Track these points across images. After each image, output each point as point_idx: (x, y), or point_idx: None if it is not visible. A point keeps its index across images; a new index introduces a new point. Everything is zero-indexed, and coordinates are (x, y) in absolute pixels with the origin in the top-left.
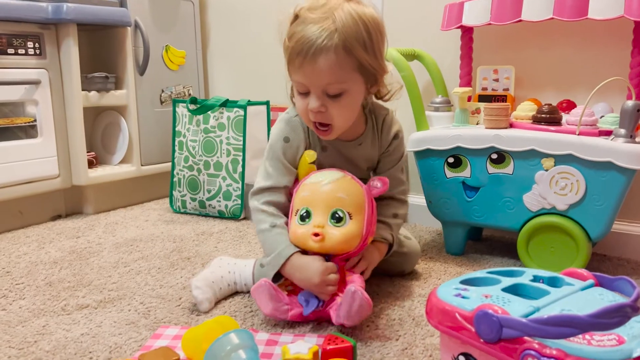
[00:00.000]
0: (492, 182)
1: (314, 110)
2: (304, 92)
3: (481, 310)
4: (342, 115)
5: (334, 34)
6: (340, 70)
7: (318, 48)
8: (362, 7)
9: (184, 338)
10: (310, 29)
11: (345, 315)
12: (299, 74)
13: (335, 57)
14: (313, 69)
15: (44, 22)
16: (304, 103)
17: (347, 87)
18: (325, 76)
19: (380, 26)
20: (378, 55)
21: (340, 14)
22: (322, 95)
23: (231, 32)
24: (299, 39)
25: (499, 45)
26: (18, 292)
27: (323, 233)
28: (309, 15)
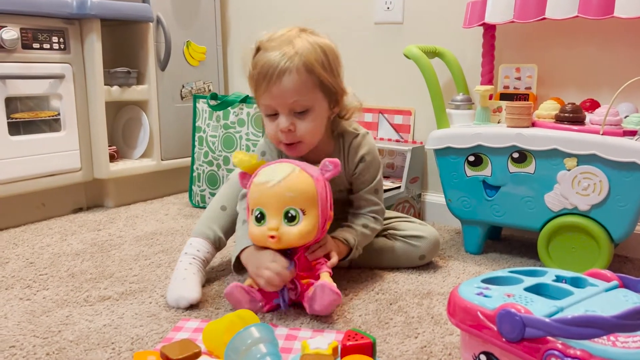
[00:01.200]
0: (513, 182)
1: (284, 130)
2: (272, 113)
3: (504, 309)
4: (310, 131)
5: (294, 56)
6: (304, 88)
7: (282, 70)
8: (317, 36)
9: (204, 331)
10: (272, 54)
11: (318, 308)
12: (266, 96)
13: (298, 77)
14: (279, 89)
15: (68, 17)
16: (274, 125)
17: (312, 104)
18: (291, 95)
19: (336, 51)
20: (337, 76)
21: (298, 41)
22: (289, 114)
23: (251, 28)
24: (263, 65)
25: (521, 43)
26: (42, 282)
27: (278, 235)
28: (269, 45)
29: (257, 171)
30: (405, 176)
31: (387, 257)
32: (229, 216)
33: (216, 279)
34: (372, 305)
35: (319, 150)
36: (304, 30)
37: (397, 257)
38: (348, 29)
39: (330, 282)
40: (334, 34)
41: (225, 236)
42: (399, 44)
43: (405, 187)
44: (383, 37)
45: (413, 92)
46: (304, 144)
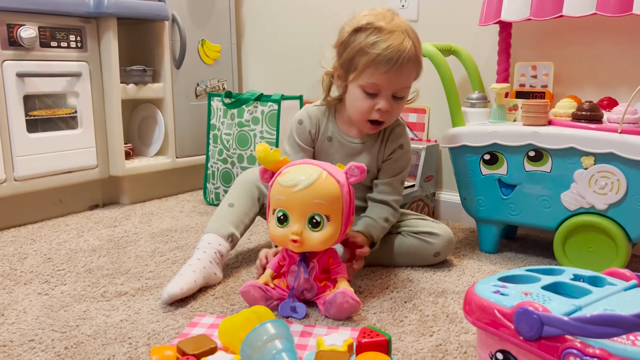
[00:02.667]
0: (529, 180)
1: (383, 110)
2: (373, 92)
3: (521, 307)
4: (397, 114)
5: (412, 47)
6: (412, 77)
7: (407, 57)
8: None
9: (220, 327)
10: (397, 39)
11: (334, 313)
12: (381, 78)
13: (414, 67)
14: (398, 76)
15: (85, 15)
16: (369, 103)
17: (407, 93)
18: (404, 82)
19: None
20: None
21: (409, 30)
22: (391, 98)
23: (265, 26)
24: (387, 48)
25: (537, 41)
26: (59, 278)
27: (301, 239)
28: (385, 27)
29: (282, 169)
30: (420, 175)
31: (401, 254)
32: (238, 211)
33: (231, 275)
34: (387, 303)
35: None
36: (396, 14)
37: (412, 255)
38: None
39: (350, 289)
40: None
41: (237, 230)
42: None
43: (420, 185)
44: None
45: (428, 90)
46: (384, 124)
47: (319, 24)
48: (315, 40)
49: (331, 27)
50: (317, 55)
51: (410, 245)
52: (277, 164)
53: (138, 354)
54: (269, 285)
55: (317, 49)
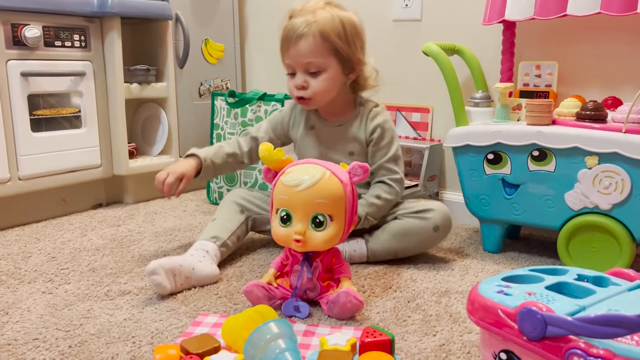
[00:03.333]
0: (533, 180)
1: (297, 86)
2: (291, 72)
3: (525, 307)
4: (320, 89)
5: (312, 24)
6: (317, 52)
7: (299, 34)
8: (341, 10)
9: (224, 326)
10: (296, 21)
11: (338, 312)
12: (286, 56)
13: (313, 41)
14: (296, 51)
15: (89, 15)
16: (291, 82)
17: (324, 67)
18: (305, 56)
19: (356, 25)
20: (352, 46)
21: (321, 12)
22: (304, 73)
23: (269, 26)
24: (286, 29)
25: (541, 40)
26: (63, 276)
27: (304, 239)
28: (297, 13)
29: (285, 169)
30: (423, 174)
31: (401, 234)
32: (220, 222)
33: (234, 275)
34: (390, 302)
35: (339, 112)
36: (329, 3)
37: (412, 233)
38: (366, 27)
39: (353, 289)
40: None
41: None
42: (417, 42)
43: (423, 185)
44: (401, 34)
45: (431, 89)
46: (313, 100)
47: None
48: None
49: None
50: None
51: (408, 224)
52: (280, 163)
53: (142, 353)
54: (272, 284)
55: None
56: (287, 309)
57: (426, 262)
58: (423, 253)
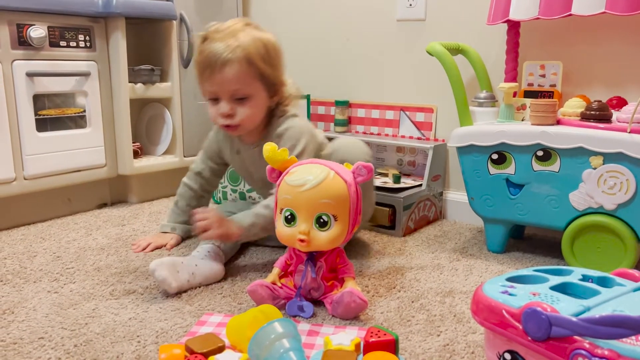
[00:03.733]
0: (537, 180)
1: (224, 114)
2: (214, 98)
3: (530, 308)
4: (248, 116)
5: (237, 48)
6: (244, 78)
7: (224, 60)
8: (261, 31)
9: (228, 325)
10: (217, 45)
11: (342, 312)
12: (210, 83)
13: (239, 67)
14: (221, 78)
15: (94, 15)
16: (215, 109)
17: (251, 92)
18: (232, 83)
19: (277, 46)
20: (276, 69)
21: (242, 35)
22: (230, 101)
23: (273, 26)
24: (208, 54)
25: (546, 40)
26: (69, 276)
27: (308, 239)
28: (216, 36)
29: (289, 169)
30: (427, 174)
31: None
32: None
33: (238, 274)
34: (394, 302)
35: (256, 134)
36: (249, 24)
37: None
38: (370, 26)
39: (358, 289)
40: (355, 31)
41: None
42: (421, 41)
43: (427, 185)
44: (405, 34)
45: (435, 89)
46: (241, 127)
47: (326, 23)
48: (323, 39)
49: (338, 26)
50: (325, 55)
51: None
52: (285, 163)
53: (146, 352)
54: (277, 284)
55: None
56: (291, 308)
57: (430, 262)
58: (427, 253)
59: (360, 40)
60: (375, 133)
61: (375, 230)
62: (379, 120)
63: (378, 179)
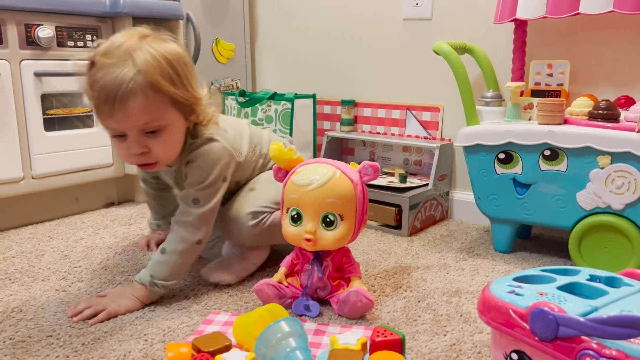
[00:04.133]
0: (544, 179)
1: (136, 154)
2: (120, 135)
3: (537, 308)
4: (165, 150)
5: (137, 75)
6: (153, 109)
7: (125, 93)
8: (161, 43)
9: (235, 324)
10: (111, 74)
11: (348, 311)
12: (111, 120)
13: (145, 98)
14: (125, 114)
15: (101, 15)
16: (123, 147)
17: (164, 122)
18: (139, 118)
19: (184, 58)
20: (188, 87)
21: (140, 54)
22: (141, 136)
23: (279, 26)
24: (102, 87)
25: (553, 39)
26: (76, 274)
27: (315, 238)
28: (105, 61)
29: (295, 168)
30: (433, 174)
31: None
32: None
33: None
34: (400, 302)
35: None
36: (144, 36)
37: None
38: (376, 26)
39: (364, 288)
40: (362, 30)
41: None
42: (427, 40)
43: (433, 184)
44: (411, 33)
45: (442, 88)
46: (160, 163)
47: (333, 22)
48: (329, 38)
49: (344, 25)
50: (330, 54)
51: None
52: (291, 162)
53: (154, 351)
54: (283, 283)
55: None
56: (297, 307)
57: (436, 261)
58: (434, 253)
59: (366, 39)
60: (382, 132)
61: (381, 229)
62: (385, 120)
63: (384, 178)
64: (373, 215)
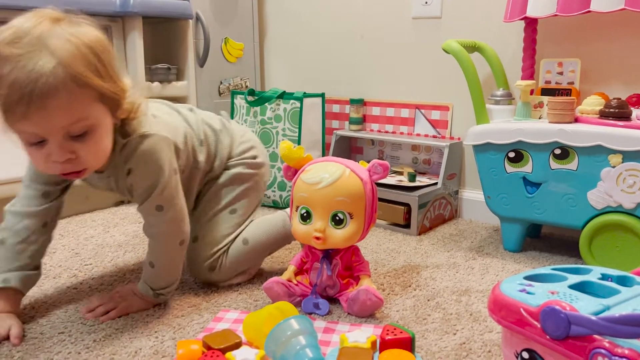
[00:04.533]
0: (555, 178)
1: (60, 162)
2: (37, 141)
3: (548, 306)
4: (96, 154)
5: (57, 69)
6: (78, 107)
7: (42, 91)
8: (78, 27)
9: (245, 322)
10: (23, 68)
11: (357, 310)
12: (27, 123)
13: (67, 96)
14: (43, 116)
15: (112, 14)
16: (41, 155)
17: (92, 122)
18: (62, 119)
19: (107, 44)
20: (115, 78)
21: (56, 42)
22: (65, 141)
23: (288, 25)
24: (12, 84)
25: (563, 37)
26: (87, 272)
27: (324, 237)
28: (13, 52)
29: (305, 167)
30: (443, 172)
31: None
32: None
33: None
34: (410, 301)
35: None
36: (57, 20)
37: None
38: (385, 24)
39: (373, 287)
40: (371, 29)
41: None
42: (437, 39)
43: (442, 183)
44: (421, 31)
45: (451, 87)
46: (88, 170)
47: (341, 21)
48: (338, 37)
49: (353, 24)
50: (339, 52)
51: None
52: (300, 161)
53: (164, 348)
54: (292, 281)
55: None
56: (306, 305)
57: (446, 260)
58: (443, 252)
59: (375, 38)
60: (390, 131)
61: (390, 228)
62: (394, 119)
63: (393, 177)
64: (382, 214)
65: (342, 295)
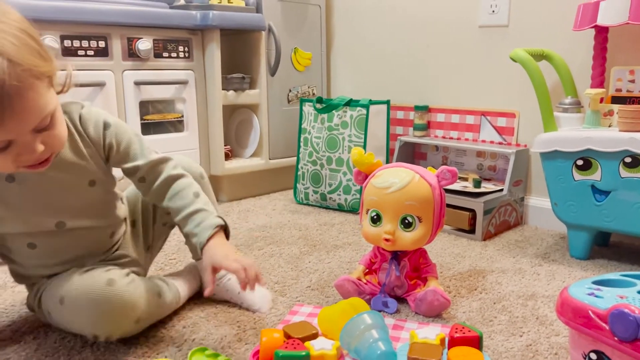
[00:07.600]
0: (625, 187)
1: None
2: (3, 147)
3: (617, 309)
4: (60, 137)
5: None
6: (42, 100)
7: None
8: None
9: (320, 315)
10: None
11: (425, 309)
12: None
13: (31, 91)
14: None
15: (193, 28)
16: (10, 156)
17: (52, 108)
18: (33, 117)
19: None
20: (49, 55)
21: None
22: (35, 138)
23: (353, 34)
24: None
25: (635, 44)
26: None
27: (393, 239)
28: None
29: (375, 172)
30: (509, 179)
31: None
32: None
33: (324, 270)
34: (476, 303)
35: None
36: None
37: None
38: (452, 33)
39: (440, 288)
40: (437, 37)
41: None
42: (503, 47)
43: (508, 190)
44: (487, 40)
45: (517, 94)
46: (53, 154)
47: (406, 30)
48: (403, 46)
49: (420, 32)
50: (404, 61)
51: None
52: (371, 166)
53: (247, 336)
54: (361, 280)
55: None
56: (375, 304)
57: (511, 266)
58: (508, 257)
59: (441, 46)
60: (455, 137)
61: (455, 233)
62: (459, 125)
63: (458, 183)
64: (447, 219)
65: (410, 296)
